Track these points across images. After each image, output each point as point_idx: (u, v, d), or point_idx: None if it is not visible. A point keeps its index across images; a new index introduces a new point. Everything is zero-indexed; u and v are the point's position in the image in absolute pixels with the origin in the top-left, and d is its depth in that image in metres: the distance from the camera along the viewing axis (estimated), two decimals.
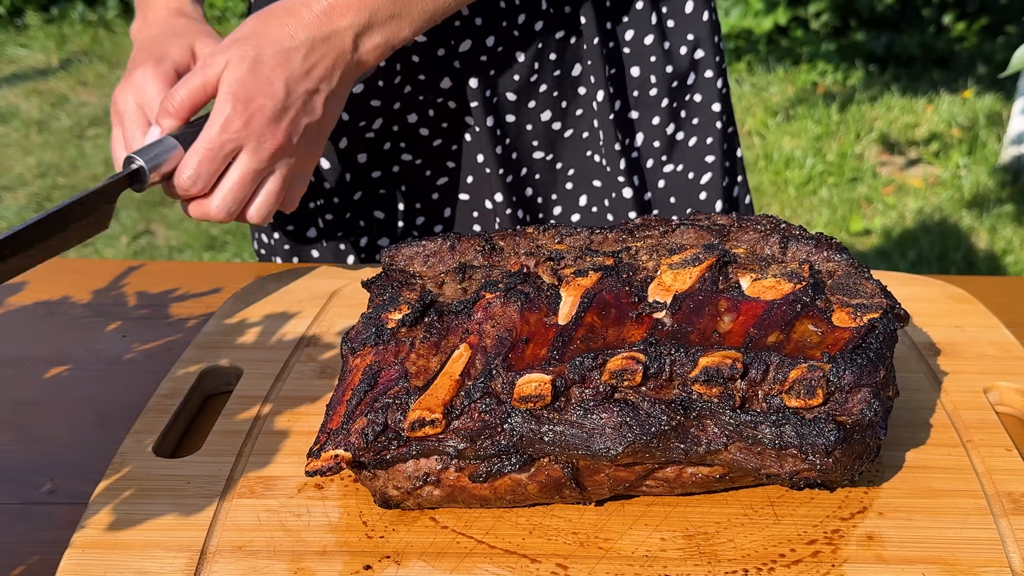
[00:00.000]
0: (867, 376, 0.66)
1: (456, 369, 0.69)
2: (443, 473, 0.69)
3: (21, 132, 4.91)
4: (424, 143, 1.17)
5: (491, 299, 0.74)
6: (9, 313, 1.05)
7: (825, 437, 0.65)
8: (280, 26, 0.89)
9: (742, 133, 4.89)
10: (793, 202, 4.12)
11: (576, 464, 0.68)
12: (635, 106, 1.19)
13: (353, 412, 0.69)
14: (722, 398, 0.66)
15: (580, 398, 0.67)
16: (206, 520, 0.70)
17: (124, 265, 1.16)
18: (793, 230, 0.81)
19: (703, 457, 0.67)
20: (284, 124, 0.89)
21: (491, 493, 0.69)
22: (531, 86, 1.14)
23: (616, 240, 0.82)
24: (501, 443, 0.67)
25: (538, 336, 0.71)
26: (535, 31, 1.12)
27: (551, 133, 1.17)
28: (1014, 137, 4.37)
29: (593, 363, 0.67)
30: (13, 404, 0.88)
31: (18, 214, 3.97)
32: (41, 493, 0.77)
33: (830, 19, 6.31)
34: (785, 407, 0.66)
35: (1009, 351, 0.92)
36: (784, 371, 0.66)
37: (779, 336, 0.68)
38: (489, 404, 0.67)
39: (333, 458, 0.67)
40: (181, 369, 0.89)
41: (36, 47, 6.44)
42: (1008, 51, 5.85)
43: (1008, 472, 0.75)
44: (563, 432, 0.66)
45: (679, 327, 0.70)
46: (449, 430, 0.67)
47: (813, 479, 0.68)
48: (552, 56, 1.14)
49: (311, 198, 1.21)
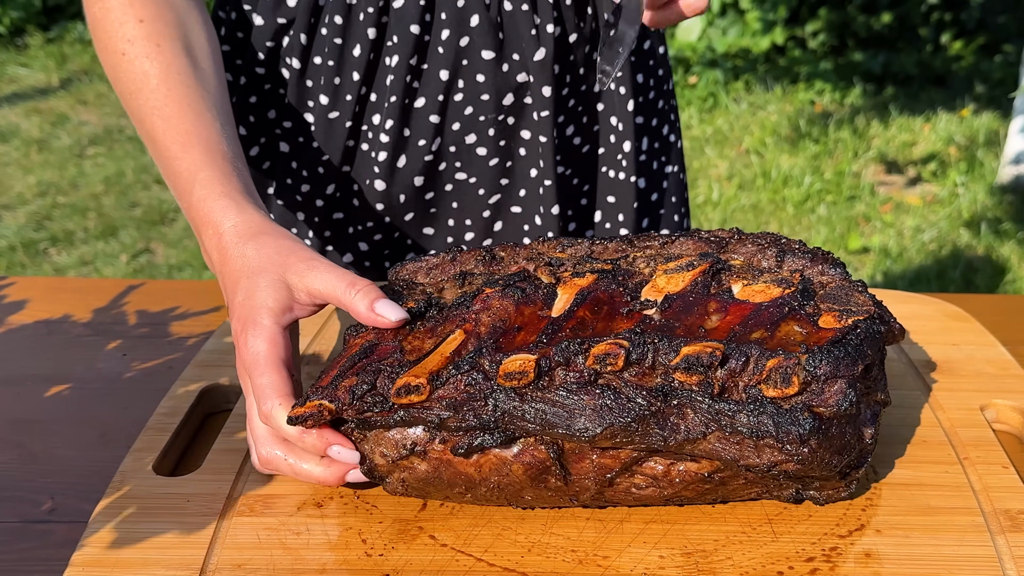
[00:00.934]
0: (844, 368, 0.67)
1: (448, 348, 0.71)
2: (429, 445, 0.70)
3: (21, 151, 4.92)
4: (480, 162, 1.16)
5: (490, 293, 0.75)
6: (10, 332, 1.05)
7: (800, 425, 0.65)
8: None
9: (739, 152, 4.91)
10: (791, 220, 4.13)
11: (562, 446, 0.69)
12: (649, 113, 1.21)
13: (344, 373, 0.71)
14: (701, 386, 0.67)
15: (563, 380, 0.68)
16: (206, 538, 0.70)
17: (124, 284, 1.16)
18: (792, 244, 0.82)
19: (682, 445, 0.67)
20: None
21: (476, 472, 0.70)
22: (563, 99, 1.15)
23: (616, 250, 0.84)
24: (483, 417, 0.68)
25: (531, 325, 0.73)
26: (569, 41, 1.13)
27: (572, 148, 1.18)
28: (1012, 156, 4.39)
29: (579, 348, 0.68)
30: (13, 422, 0.89)
31: (18, 233, 3.98)
32: (41, 511, 0.77)
33: (827, 38, 6.34)
34: (763, 396, 0.66)
35: (1005, 369, 0.93)
36: (762, 362, 0.67)
37: (763, 333, 0.69)
38: (475, 378, 0.68)
39: (317, 406, 0.69)
40: (181, 387, 0.89)
41: (36, 66, 6.47)
42: (1006, 70, 5.88)
43: (1005, 490, 0.75)
44: (544, 410, 0.67)
45: (666, 322, 0.71)
46: (433, 398, 0.68)
47: (795, 473, 0.69)
48: (581, 71, 1.15)
49: (352, 223, 1.19)
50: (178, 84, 0.91)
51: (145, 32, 0.92)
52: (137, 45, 0.92)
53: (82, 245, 3.91)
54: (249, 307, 0.76)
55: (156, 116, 0.90)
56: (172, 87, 0.91)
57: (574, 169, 1.19)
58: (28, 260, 3.78)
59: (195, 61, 0.94)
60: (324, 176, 1.15)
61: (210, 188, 0.84)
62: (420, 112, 1.11)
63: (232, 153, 0.90)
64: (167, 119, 0.90)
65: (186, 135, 0.88)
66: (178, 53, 0.93)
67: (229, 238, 0.81)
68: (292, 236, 0.82)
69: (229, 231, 0.81)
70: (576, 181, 1.20)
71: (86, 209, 4.25)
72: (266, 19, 1.10)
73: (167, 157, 0.89)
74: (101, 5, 0.94)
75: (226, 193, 0.84)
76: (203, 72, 0.94)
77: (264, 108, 1.15)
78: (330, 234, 1.20)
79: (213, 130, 0.90)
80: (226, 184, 0.85)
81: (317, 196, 1.16)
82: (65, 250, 3.88)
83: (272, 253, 0.79)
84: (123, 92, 0.93)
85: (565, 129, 1.15)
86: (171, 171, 0.89)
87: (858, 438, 0.69)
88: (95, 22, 0.95)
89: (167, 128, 0.89)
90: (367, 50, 1.08)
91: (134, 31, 0.92)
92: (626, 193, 1.20)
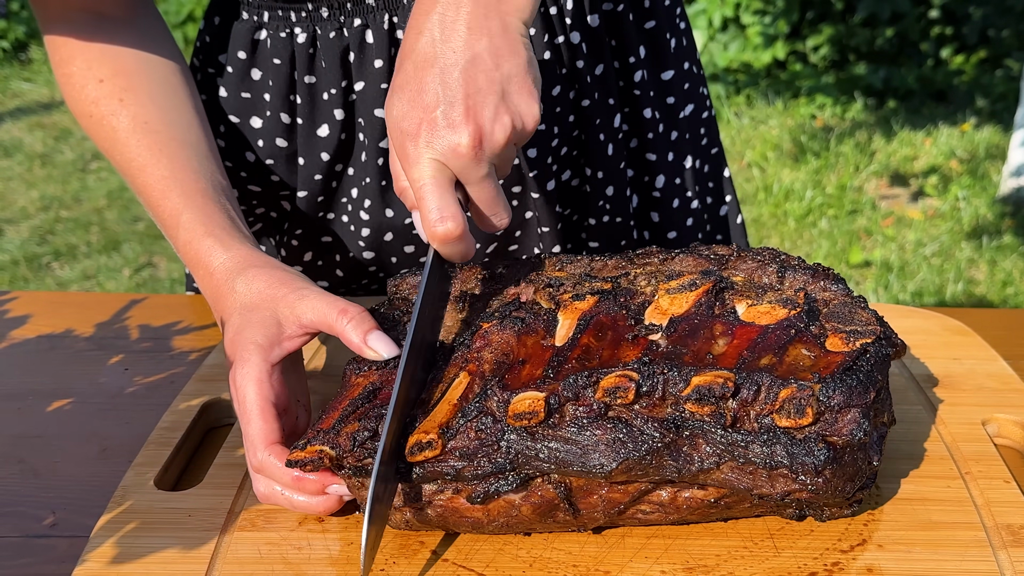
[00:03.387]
0: (857, 397, 0.66)
1: (455, 395, 0.70)
2: (437, 495, 0.69)
3: (24, 165, 4.94)
4: (471, 225, 1.12)
5: (488, 328, 0.75)
6: (12, 347, 1.05)
7: (815, 457, 0.65)
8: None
9: (741, 166, 4.92)
10: (793, 234, 4.13)
11: (569, 485, 0.68)
12: (652, 148, 1.17)
13: (347, 417, 0.70)
14: (713, 417, 0.66)
15: (574, 415, 0.67)
16: (207, 553, 0.70)
17: (126, 298, 1.16)
18: (791, 260, 0.82)
19: (696, 476, 0.67)
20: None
21: (484, 516, 0.69)
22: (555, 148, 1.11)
23: (616, 267, 0.83)
24: (498, 461, 0.67)
25: (535, 357, 0.72)
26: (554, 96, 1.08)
27: (571, 190, 1.15)
28: (1013, 169, 4.39)
29: (587, 381, 0.68)
30: (15, 437, 0.89)
31: (21, 247, 3.98)
32: (43, 526, 0.77)
33: (829, 53, 6.35)
34: (776, 427, 0.66)
35: (1007, 383, 0.92)
36: (775, 391, 0.66)
37: (772, 359, 0.69)
38: (485, 423, 0.68)
39: (318, 452, 0.68)
40: (183, 402, 0.89)
41: (40, 81, 6.49)
42: (1008, 84, 5.89)
43: (1007, 504, 0.75)
44: (558, 448, 0.67)
45: (674, 348, 0.71)
46: (446, 451, 0.68)
47: (806, 500, 0.69)
48: (571, 118, 1.10)
49: (341, 287, 1.18)
50: (146, 133, 0.92)
51: (106, 91, 0.94)
52: (101, 105, 0.94)
53: (85, 259, 3.92)
54: (239, 343, 0.76)
55: (132, 167, 0.92)
56: (141, 137, 0.92)
57: (573, 208, 1.16)
58: (31, 274, 3.79)
59: (164, 104, 0.95)
60: (300, 246, 1.15)
61: (193, 231, 0.86)
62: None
63: (212, 188, 0.90)
64: (142, 169, 0.91)
65: (163, 180, 0.90)
66: (143, 102, 0.94)
67: (219, 276, 0.82)
68: (282, 265, 0.82)
69: (219, 269, 0.83)
70: (575, 218, 1.17)
71: (89, 223, 4.26)
72: (230, 92, 1.08)
73: (150, 204, 0.91)
74: (63, 71, 0.96)
75: (209, 233, 0.85)
76: (176, 111, 0.95)
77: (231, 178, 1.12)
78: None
79: (189, 170, 0.91)
80: (208, 223, 0.86)
81: (296, 264, 1.16)
82: (68, 264, 3.88)
83: (262, 287, 0.79)
84: (101, 149, 0.96)
85: (561, 175, 1.12)
86: (157, 217, 0.91)
87: (868, 463, 0.69)
88: (62, 87, 0.97)
89: (144, 178, 0.91)
90: (337, 130, 1.05)
91: (96, 91, 0.94)
92: (625, 232, 1.16)
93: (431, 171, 0.73)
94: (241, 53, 1.05)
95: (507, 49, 0.74)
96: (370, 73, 1.01)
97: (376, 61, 1.01)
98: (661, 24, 1.14)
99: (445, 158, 0.73)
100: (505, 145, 0.74)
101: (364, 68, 1.01)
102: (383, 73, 1.01)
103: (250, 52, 1.05)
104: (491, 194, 0.76)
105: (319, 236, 1.14)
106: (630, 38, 1.11)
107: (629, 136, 1.16)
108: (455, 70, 0.73)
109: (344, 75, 1.02)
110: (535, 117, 0.75)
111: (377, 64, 1.01)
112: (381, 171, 1.06)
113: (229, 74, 1.07)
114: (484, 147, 0.73)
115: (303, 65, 1.02)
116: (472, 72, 0.73)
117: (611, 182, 1.13)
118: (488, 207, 0.77)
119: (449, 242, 0.73)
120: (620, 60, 1.13)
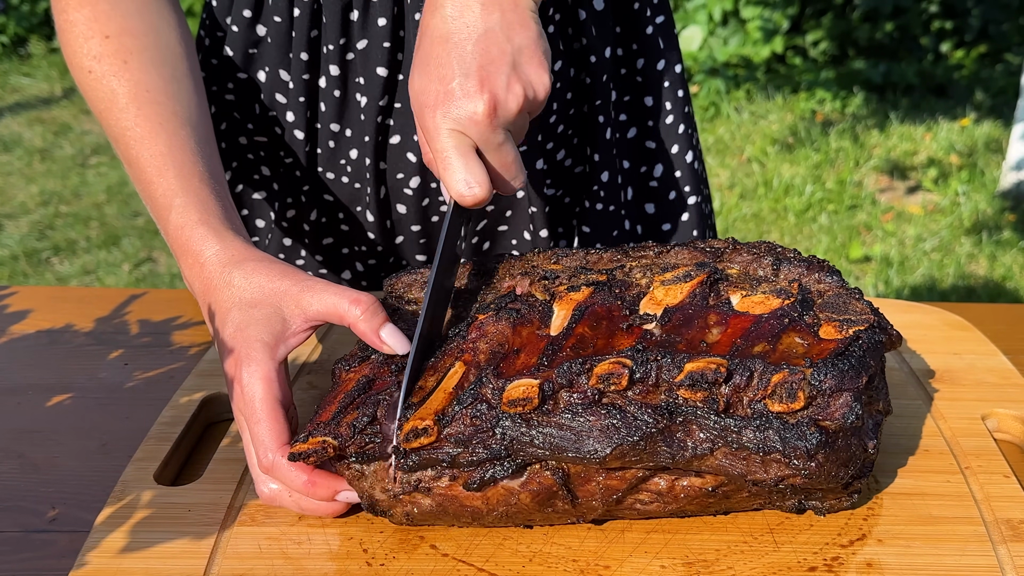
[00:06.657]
0: (849, 381, 0.67)
1: (450, 384, 0.71)
2: (434, 482, 0.69)
3: (24, 160, 4.93)
4: None
5: (483, 319, 0.75)
6: (12, 341, 1.05)
7: (807, 440, 0.66)
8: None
9: (741, 161, 4.91)
10: (793, 229, 4.13)
11: (567, 471, 0.69)
12: (651, 137, 1.18)
13: (345, 409, 0.71)
14: (706, 403, 0.67)
15: (568, 402, 0.68)
16: (207, 548, 0.70)
17: (126, 293, 1.16)
18: (787, 253, 0.82)
19: (690, 462, 0.67)
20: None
21: (483, 504, 0.70)
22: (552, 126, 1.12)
23: (611, 260, 0.83)
24: (493, 447, 0.68)
25: (530, 347, 0.72)
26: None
27: (564, 170, 1.16)
28: (1013, 163, 4.39)
29: (581, 368, 0.68)
30: (15, 432, 0.89)
31: (20, 242, 3.98)
32: (43, 521, 0.77)
33: (828, 47, 6.35)
34: (768, 412, 0.66)
35: (1007, 378, 0.93)
36: (767, 377, 0.67)
37: (765, 347, 0.69)
38: (480, 409, 0.68)
39: (321, 443, 0.69)
40: (183, 397, 0.89)
41: (39, 76, 6.48)
42: (1007, 78, 5.88)
43: (1006, 499, 0.75)
44: (552, 434, 0.67)
45: (668, 337, 0.71)
46: (442, 437, 0.68)
47: (802, 487, 0.69)
48: (569, 95, 1.11)
49: (344, 245, 1.18)
50: (148, 103, 0.88)
51: (111, 48, 0.89)
52: (103, 63, 0.89)
53: (84, 254, 3.92)
54: (242, 340, 0.75)
55: (128, 137, 0.88)
56: (142, 106, 0.88)
57: (565, 190, 1.17)
58: (30, 269, 3.79)
59: (168, 74, 0.91)
60: (307, 204, 1.14)
61: (186, 216, 0.83)
62: (396, 148, 1.08)
63: (209, 173, 0.87)
64: (139, 140, 0.87)
65: (160, 157, 0.86)
66: (148, 69, 0.90)
67: (212, 267, 0.80)
68: (277, 260, 0.80)
69: (211, 260, 0.80)
70: (568, 200, 1.18)
71: (88, 218, 4.26)
72: (236, 52, 1.07)
73: (142, 181, 0.87)
74: (65, 18, 0.90)
75: (203, 221, 0.82)
76: (178, 84, 0.91)
77: (237, 134, 1.13)
78: (322, 258, 1.19)
79: (187, 150, 0.87)
80: (203, 211, 0.83)
81: (303, 221, 1.16)
82: (67, 259, 3.88)
83: (263, 281, 0.77)
84: (94, 109, 0.91)
85: (556, 154, 1.13)
86: (147, 195, 0.87)
87: (862, 449, 0.69)
88: (61, 35, 0.92)
89: (140, 150, 0.87)
90: (333, 86, 1.06)
91: (99, 47, 0.89)
92: (616, 221, 1.17)
93: (453, 141, 0.77)
94: (247, 12, 1.06)
95: (518, 23, 0.78)
96: (373, 31, 1.02)
97: (380, 19, 1.01)
98: (668, 17, 1.15)
99: (463, 127, 0.77)
100: (518, 113, 0.78)
101: (367, 26, 1.02)
102: (386, 32, 1.02)
103: (255, 9, 1.06)
104: (509, 159, 0.80)
105: (322, 195, 1.14)
106: (636, 25, 1.12)
107: (628, 124, 1.16)
108: (469, 44, 0.77)
109: (343, 32, 1.03)
110: (546, 86, 0.79)
111: (381, 23, 1.01)
112: (380, 129, 1.06)
113: (234, 32, 1.07)
114: (499, 115, 0.77)
115: (304, 22, 1.03)
116: (485, 45, 0.77)
117: (607, 167, 1.13)
118: (507, 171, 0.81)
119: (476, 205, 0.78)
120: (624, 47, 1.13)
